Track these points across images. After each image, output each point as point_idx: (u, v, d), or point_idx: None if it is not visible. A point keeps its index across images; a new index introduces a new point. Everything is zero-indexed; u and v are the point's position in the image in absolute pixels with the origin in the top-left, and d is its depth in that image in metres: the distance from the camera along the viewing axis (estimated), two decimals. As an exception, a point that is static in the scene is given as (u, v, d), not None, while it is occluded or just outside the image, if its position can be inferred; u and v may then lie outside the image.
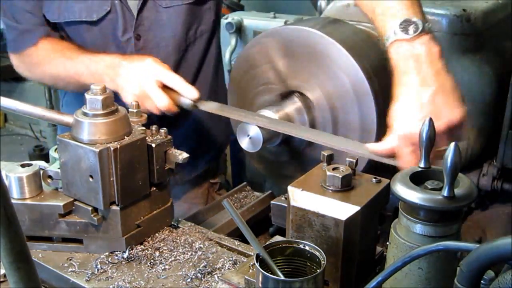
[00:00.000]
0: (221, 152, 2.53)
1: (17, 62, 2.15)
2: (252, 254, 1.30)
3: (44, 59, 2.03)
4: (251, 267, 1.27)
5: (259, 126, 1.64)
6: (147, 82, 1.76)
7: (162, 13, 2.03)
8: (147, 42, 2.03)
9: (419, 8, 1.48)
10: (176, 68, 2.06)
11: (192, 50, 2.13)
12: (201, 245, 1.44)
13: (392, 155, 1.44)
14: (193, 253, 1.41)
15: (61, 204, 1.38)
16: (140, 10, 2.00)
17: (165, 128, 1.46)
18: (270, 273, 1.05)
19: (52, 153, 1.51)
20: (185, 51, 2.11)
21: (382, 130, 1.64)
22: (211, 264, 1.37)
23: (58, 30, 2.09)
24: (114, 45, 2.02)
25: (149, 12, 2.01)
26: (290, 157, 1.81)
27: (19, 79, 5.83)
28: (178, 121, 2.14)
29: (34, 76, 2.16)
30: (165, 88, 1.78)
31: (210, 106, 1.81)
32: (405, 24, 1.42)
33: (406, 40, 1.42)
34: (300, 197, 1.21)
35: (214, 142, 2.39)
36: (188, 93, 1.77)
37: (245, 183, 2.07)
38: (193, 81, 2.15)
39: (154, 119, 1.71)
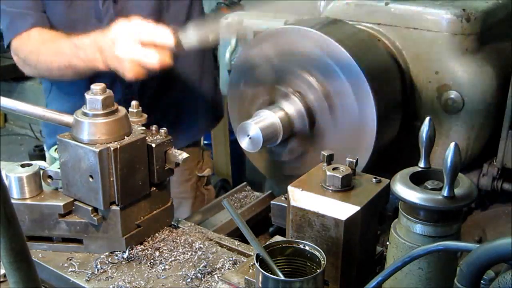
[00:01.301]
0: (201, 133, 2.56)
1: (16, 56, 2.19)
2: (252, 254, 1.30)
3: (37, 47, 2.09)
4: (251, 267, 1.27)
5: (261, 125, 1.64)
6: (132, 49, 1.77)
7: None
8: (125, 4, 2.12)
9: None
10: None
11: (168, 14, 2.18)
12: (201, 245, 1.44)
13: None
14: (193, 253, 1.41)
15: (61, 204, 1.38)
16: None
17: (165, 128, 1.46)
18: (270, 273, 1.05)
19: (52, 153, 1.51)
20: (160, 13, 2.16)
21: (382, 130, 1.64)
22: (211, 264, 1.37)
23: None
24: (96, 14, 2.11)
25: None
26: (290, 157, 1.80)
27: (19, 79, 5.85)
28: (158, 99, 2.20)
29: (30, 65, 2.18)
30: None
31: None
32: None
33: None
34: (300, 197, 1.21)
35: (195, 122, 2.43)
36: (166, 39, 1.78)
37: (245, 183, 2.07)
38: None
39: (136, 97, 1.81)
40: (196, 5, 2.28)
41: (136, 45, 1.77)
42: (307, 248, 1.11)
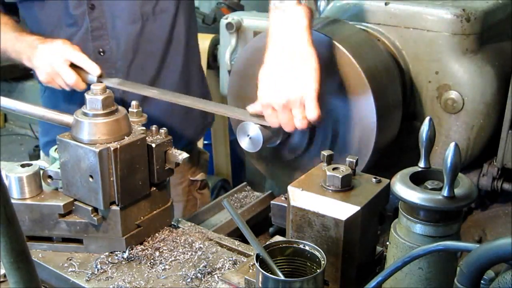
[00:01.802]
0: (192, 143, 2.52)
1: None
2: (252, 254, 1.30)
3: None
4: (251, 267, 1.27)
5: (261, 125, 1.63)
6: (57, 61, 1.94)
7: None
8: (102, 12, 2.08)
9: None
10: (136, 44, 2.12)
11: (152, 27, 2.15)
12: (201, 245, 1.44)
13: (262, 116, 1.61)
14: (193, 253, 1.41)
15: (61, 204, 1.38)
16: None
17: (165, 128, 1.46)
18: (270, 273, 1.05)
19: (52, 153, 1.51)
20: (143, 25, 2.13)
21: (382, 130, 1.64)
22: (211, 264, 1.37)
23: (17, 11, 2.22)
24: (68, 19, 2.08)
25: None
26: (290, 157, 1.80)
27: (19, 79, 5.84)
28: (148, 109, 2.18)
29: None
30: (74, 67, 1.95)
31: (112, 81, 1.98)
32: None
33: (280, 8, 1.52)
34: (300, 197, 1.21)
35: (184, 132, 2.39)
36: (92, 69, 1.94)
37: (245, 183, 2.07)
38: (159, 64, 2.19)
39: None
40: (181, 15, 2.22)
41: (63, 61, 1.93)
42: (307, 248, 1.11)
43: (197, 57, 2.44)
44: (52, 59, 1.95)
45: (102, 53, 2.08)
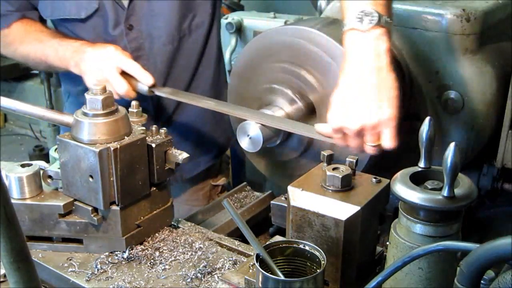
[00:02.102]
0: (222, 152, 2.52)
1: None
2: (252, 254, 1.30)
3: (16, 40, 2.09)
4: (251, 267, 1.27)
5: (261, 125, 1.63)
6: (108, 68, 1.86)
7: (154, 2, 2.05)
8: (140, 32, 2.06)
9: (385, 1, 1.47)
10: (172, 61, 2.10)
11: (188, 42, 2.15)
12: (201, 245, 1.44)
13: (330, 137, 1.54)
14: (193, 253, 1.41)
15: (61, 204, 1.38)
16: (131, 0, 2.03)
17: (165, 128, 1.46)
18: (270, 273, 1.05)
19: (52, 153, 1.51)
20: (180, 42, 2.12)
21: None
22: (211, 264, 1.37)
23: (56, 26, 2.16)
24: (107, 38, 2.05)
25: (141, 2, 2.04)
26: (290, 157, 1.80)
27: (19, 79, 5.84)
28: (176, 119, 2.15)
29: (6, 54, 2.21)
30: (125, 74, 1.87)
31: (164, 91, 1.92)
32: (362, 15, 1.42)
33: (359, 30, 1.43)
34: (300, 197, 1.21)
35: (215, 142, 2.39)
36: (144, 79, 1.87)
37: (245, 183, 2.07)
38: (192, 76, 2.18)
39: (151, 117, 1.73)
40: (215, 26, 2.22)
41: (114, 69, 1.86)
42: (307, 248, 1.11)
43: (224, 67, 2.45)
44: (103, 65, 1.87)
45: None
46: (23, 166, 1.42)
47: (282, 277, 1.07)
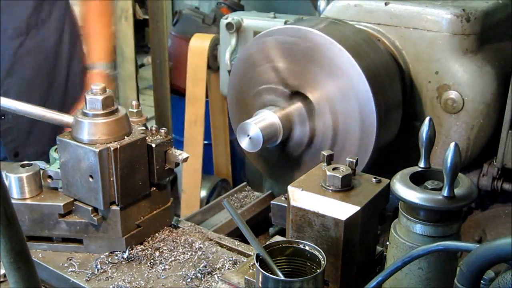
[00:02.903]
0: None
1: None
2: (252, 254, 1.30)
3: None
4: (251, 267, 1.27)
5: (261, 126, 1.63)
6: None
7: None
8: None
9: None
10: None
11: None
12: (201, 245, 1.44)
13: None
14: (193, 253, 1.41)
15: (61, 204, 1.38)
16: None
17: (165, 128, 1.46)
18: (270, 273, 1.05)
19: (52, 153, 1.51)
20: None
21: (382, 130, 1.64)
22: (211, 264, 1.37)
23: None
24: None
25: None
26: (290, 157, 1.81)
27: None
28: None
29: None
30: None
31: None
32: None
33: None
34: (300, 197, 1.21)
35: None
36: None
37: (245, 183, 2.07)
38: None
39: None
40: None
41: None
42: (307, 248, 1.11)
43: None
44: None
45: None
46: (23, 166, 1.42)
47: (282, 277, 1.07)
